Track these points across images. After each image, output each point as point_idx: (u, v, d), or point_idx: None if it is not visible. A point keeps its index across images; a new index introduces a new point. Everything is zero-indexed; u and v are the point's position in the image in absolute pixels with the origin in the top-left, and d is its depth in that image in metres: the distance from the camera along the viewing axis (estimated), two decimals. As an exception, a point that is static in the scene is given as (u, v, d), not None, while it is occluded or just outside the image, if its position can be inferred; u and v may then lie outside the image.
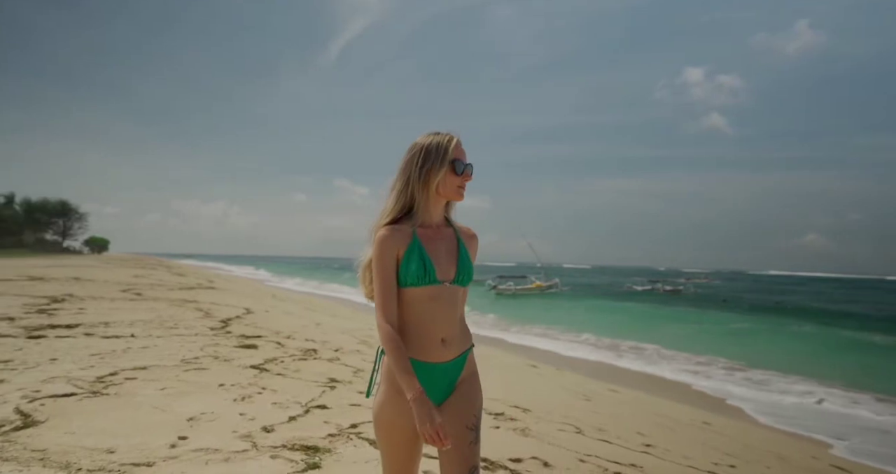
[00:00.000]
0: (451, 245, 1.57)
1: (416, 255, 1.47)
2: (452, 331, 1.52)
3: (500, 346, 12.83)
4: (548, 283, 34.72)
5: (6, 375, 4.07)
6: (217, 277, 29.38)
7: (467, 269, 1.56)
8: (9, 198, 75.10)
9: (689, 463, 3.85)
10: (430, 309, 1.49)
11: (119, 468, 2.48)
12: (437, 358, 1.49)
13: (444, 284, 1.50)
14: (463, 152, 1.55)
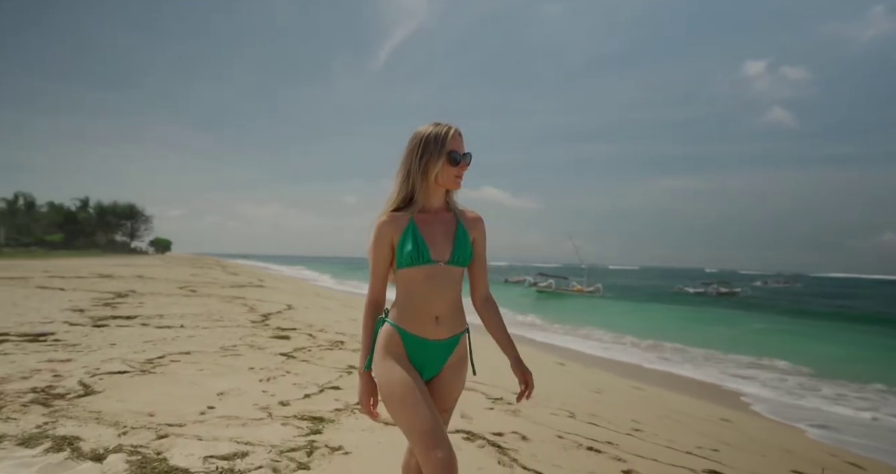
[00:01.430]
0: (449, 227, 1.64)
1: (410, 238, 1.56)
2: (447, 310, 1.59)
3: (532, 345, 13.00)
4: (589, 289, 34.13)
5: (74, 355, 4.77)
6: (268, 276, 30.88)
7: (463, 250, 1.62)
8: (84, 203, 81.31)
9: (670, 444, 4.03)
10: (426, 288, 1.57)
11: (156, 427, 3.00)
12: (431, 334, 1.58)
13: (438, 264, 1.57)
14: (460, 143, 1.61)
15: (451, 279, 1.60)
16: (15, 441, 2.65)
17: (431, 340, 1.58)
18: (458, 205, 1.70)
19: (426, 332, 1.58)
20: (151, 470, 2.42)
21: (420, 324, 1.57)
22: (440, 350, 1.60)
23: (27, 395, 3.44)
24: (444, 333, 1.60)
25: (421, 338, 1.58)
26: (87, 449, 2.61)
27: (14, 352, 4.78)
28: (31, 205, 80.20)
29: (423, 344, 1.58)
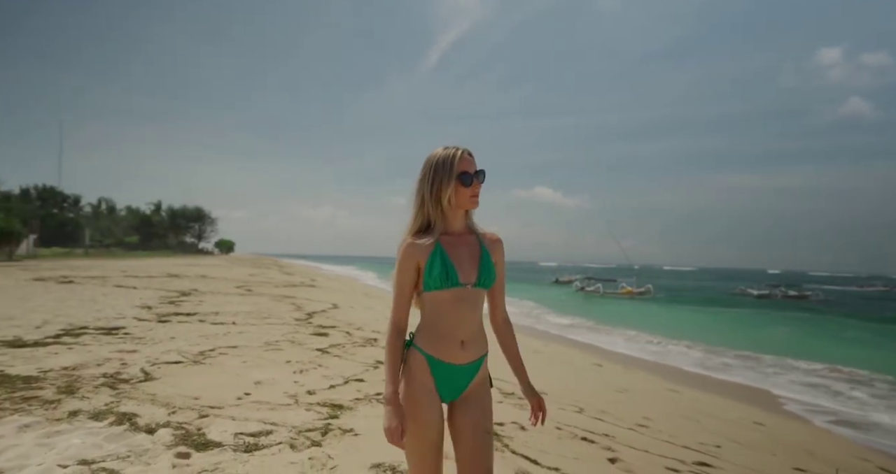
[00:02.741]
0: (474, 250, 1.64)
1: (438, 260, 1.56)
2: (472, 333, 1.59)
3: (574, 345, 13.07)
4: (639, 290, 33.17)
5: (139, 347, 5.47)
6: (320, 276, 32.22)
7: (489, 272, 1.62)
8: (157, 206, 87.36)
9: (671, 440, 4.19)
10: (453, 310, 1.57)
11: (199, 408, 3.52)
12: (456, 359, 1.57)
13: (466, 287, 1.57)
14: (470, 162, 1.60)
15: (477, 302, 1.61)
16: (87, 415, 3.23)
17: (457, 365, 1.58)
18: (478, 227, 1.71)
19: (453, 357, 1.57)
20: (191, 442, 2.91)
21: (447, 348, 1.57)
22: (465, 374, 1.60)
23: (99, 379, 4.08)
24: (469, 357, 1.59)
25: (448, 364, 1.57)
26: (142, 423, 3.15)
27: (91, 343, 5.54)
28: (112, 209, 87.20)
29: (449, 369, 1.58)
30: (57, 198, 77.47)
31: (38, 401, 3.46)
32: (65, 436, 2.89)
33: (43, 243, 47.62)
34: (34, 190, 75.27)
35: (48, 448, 2.74)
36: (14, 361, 4.58)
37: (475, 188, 1.60)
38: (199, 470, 2.57)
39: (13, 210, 49.21)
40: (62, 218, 70.32)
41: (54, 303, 9.14)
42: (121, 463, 2.60)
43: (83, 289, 11.98)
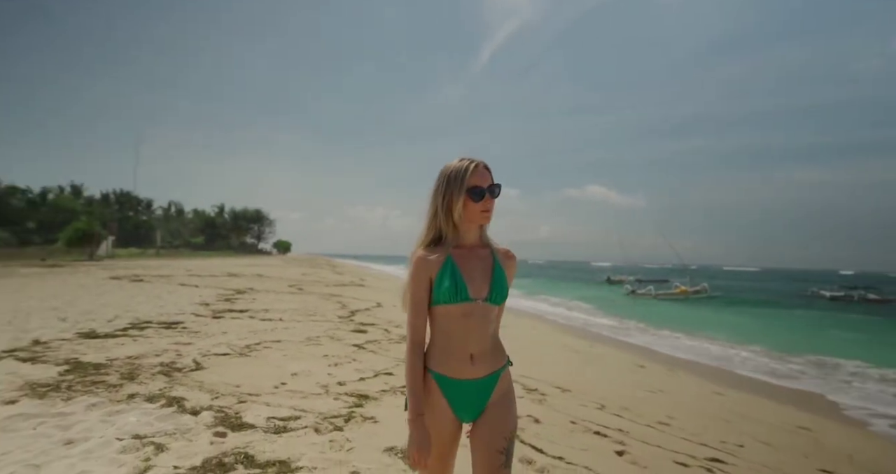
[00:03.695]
0: (487, 264, 1.59)
1: (448, 274, 1.53)
2: (483, 347, 1.56)
3: (621, 347, 12.86)
4: (694, 288, 31.83)
5: (194, 340, 6.00)
6: (370, 276, 33.10)
7: (501, 288, 1.58)
8: (220, 209, 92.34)
9: (690, 437, 4.19)
10: (463, 325, 1.53)
11: (239, 395, 3.90)
12: (467, 374, 1.54)
13: (476, 302, 1.53)
14: (483, 176, 1.55)
15: (488, 317, 1.56)
16: (143, 398, 3.67)
17: (468, 380, 1.54)
18: (493, 242, 1.67)
19: (462, 373, 1.54)
20: (228, 424, 3.26)
21: (456, 364, 1.54)
22: (479, 389, 1.56)
23: (156, 367, 4.57)
24: (481, 371, 1.55)
25: (458, 380, 1.54)
26: (188, 406, 3.55)
27: (153, 336, 6.13)
28: (180, 211, 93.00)
29: (460, 386, 1.54)
30: (132, 201, 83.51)
31: (104, 385, 3.95)
32: (123, 415, 3.32)
33: (120, 244, 51.50)
34: (113, 194, 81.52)
35: (109, 424, 3.16)
36: (87, 350, 5.17)
37: (486, 203, 1.54)
38: (232, 447, 2.91)
39: (95, 213, 53.54)
40: (137, 220, 75.69)
41: (125, 299, 10.04)
42: (167, 438, 2.98)
43: (151, 287, 13.02)
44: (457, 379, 1.54)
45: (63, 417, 3.24)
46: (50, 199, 66.65)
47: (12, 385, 3.88)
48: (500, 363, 1.61)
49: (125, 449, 2.81)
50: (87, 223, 37.67)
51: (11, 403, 3.46)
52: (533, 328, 14.05)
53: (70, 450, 2.77)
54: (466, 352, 1.54)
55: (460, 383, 1.54)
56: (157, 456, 2.74)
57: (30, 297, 9.73)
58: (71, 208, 60.44)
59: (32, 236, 55.01)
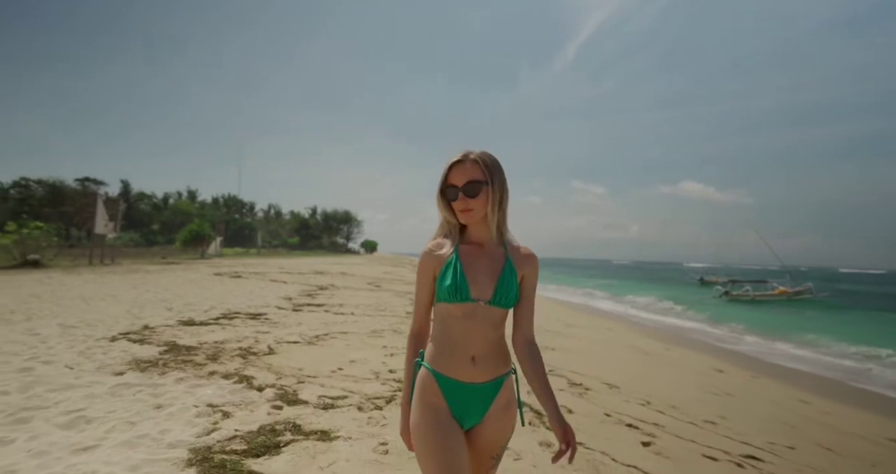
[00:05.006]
0: (496, 265, 1.50)
1: (451, 272, 1.46)
2: (486, 350, 1.47)
3: (704, 350, 12.27)
4: (795, 289, 28.96)
5: (272, 329, 6.72)
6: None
7: (507, 291, 1.47)
8: (313, 211, 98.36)
9: (733, 436, 4.09)
10: (463, 326, 1.46)
11: (300, 376, 4.41)
12: (468, 377, 1.46)
13: (478, 303, 1.45)
14: (462, 173, 1.46)
15: (492, 320, 1.47)
16: (220, 375, 4.29)
17: (468, 383, 1.47)
18: (512, 239, 1.57)
19: (462, 374, 1.46)
20: (286, 399, 3.76)
21: (456, 364, 1.47)
22: (479, 394, 1.48)
23: (235, 351, 5.25)
24: (483, 376, 1.48)
25: (457, 381, 1.47)
26: (255, 384, 4.10)
27: (239, 325, 6.94)
28: (278, 213, 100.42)
29: (459, 387, 1.47)
30: (238, 205, 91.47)
31: (192, 364, 4.64)
32: (202, 388, 3.93)
33: (227, 244, 56.70)
34: (222, 198, 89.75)
35: (191, 395, 3.77)
36: (184, 335, 6.02)
37: (461, 203, 1.46)
38: (285, 418, 3.37)
39: (206, 216, 59.33)
40: (242, 222, 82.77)
41: (223, 293, 11.27)
42: (233, 408, 3.51)
43: (246, 283, 14.42)
44: (457, 381, 1.47)
45: (156, 387, 3.91)
46: (171, 204, 74.77)
47: (123, 360, 4.69)
48: (505, 369, 1.52)
49: (199, 414, 3.37)
50: (199, 225, 41.95)
51: (120, 374, 4.22)
52: (609, 329, 13.77)
53: (158, 413, 3.37)
54: (468, 354, 1.47)
55: (462, 385, 1.47)
56: (223, 421, 3.27)
57: (147, 290, 11.24)
58: (187, 211, 67.47)
59: (157, 237, 62.14)
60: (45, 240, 20.01)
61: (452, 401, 1.48)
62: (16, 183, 54.64)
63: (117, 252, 28.69)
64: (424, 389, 1.50)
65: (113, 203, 27.66)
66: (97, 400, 3.57)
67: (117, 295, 10.19)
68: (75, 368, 4.39)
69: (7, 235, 18.75)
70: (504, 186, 1.51)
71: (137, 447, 2.83)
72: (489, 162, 1.49)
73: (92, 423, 3.16)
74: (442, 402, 1.48)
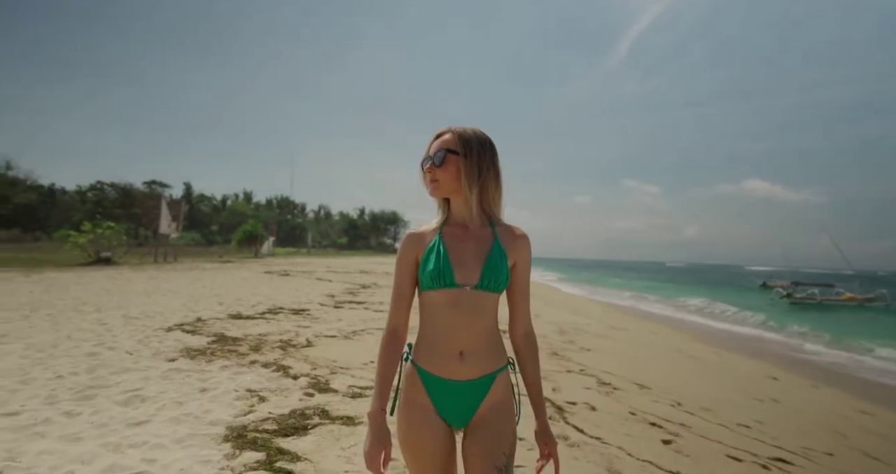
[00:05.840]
0: (484, 246, 1.37)
1: (433, 255, 1.35)
2: (475, 344, 1.34)
3: (758, 356, 11.80)
4: (866, 295, 26.95)
5: (312, 324, 7.08)
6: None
7: (495, 273, 1.34)
8: (361, 211, 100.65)
9: (765, 439, 4.00)
10: (449, 316, 1.33)
11: (332, 367, 4.68)
12: (455, 374, 1.33)
13: (464, 289, 1.32)
14: (439, 144, 1.37)
15: (480, 307, 1.34)
16: (260, 364, 4.62)
17: (455, 381, 1.34)
18: (502, 220, 1.44)
19: (449, 371, 1.34)
20: (318, 388, 4.02)
21: (442, 360, 1.34)
22: (467, 392, 1.35)
23: (276, 343, 5.60)
24: (472, 373, 1.34)
25: (445, 381, 1.34)
26: (291, 373, 4.39)
27: (282, 320, 7.35)
28: (328, 214, 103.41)
29: (446, 386, 1.34)
30: (290, 206, 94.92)
31: (236, 353, 5.01)
32: (244, 375, 4.26)
33: (279, 243, 59.03)
34: (275, 200, 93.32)
35: (232, 381, 4.10)
36: (232, 328, 6.46)
37: (429, 173, 1.37)
38: (315, 404, 3.62)
39: (260, 217, 61.90)
40: (293, 223, 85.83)
41: (270, 290, 11.86)
42: (269, 393, 3.80)
43: (293, 281, 15.06)
44: (443, 379, 1.34)
45: (203, 373, 4.27)
46: (228, 205, 78.50)
47: (175, 348, 5.12)
48: (498, 364, 1.38)
49: (238, 397, 3.67)
50: (253, 225, 43.92)
51: (172, 361, 4.63)
52: (655, 332, 13.45)
53: (202, 395, 3.71)
54: (455, 348, 1.33)
55: (447, 384, 1.34)
56: (259, 404, 3.55)
57: (203, 287, 11.98)
58: (243, 212, 70.67)
59: (216, 236, 65.42)
60: (115, 240, 21.60)
61: (437, 401, 1.36)
62: (92, 186, 59.11)
63: (179, 251, 30.52)
64: (409, 387, 1.39)
65: (176, 204, 29.45)
66: (151, 382, 3.95)
67: (176, 290, 10.94)
68: (134, 354, 4.85)
69: (83, 235, 20.36)
70: (486, 163, 1.37)
71: (183, 423, 3.15)
72: (468, 135, 1.38)
73: (146, 402, 3.52)
74: (427, 401, 1.36)
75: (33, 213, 47.88)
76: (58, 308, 7.65)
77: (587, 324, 11.21)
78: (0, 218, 41.34)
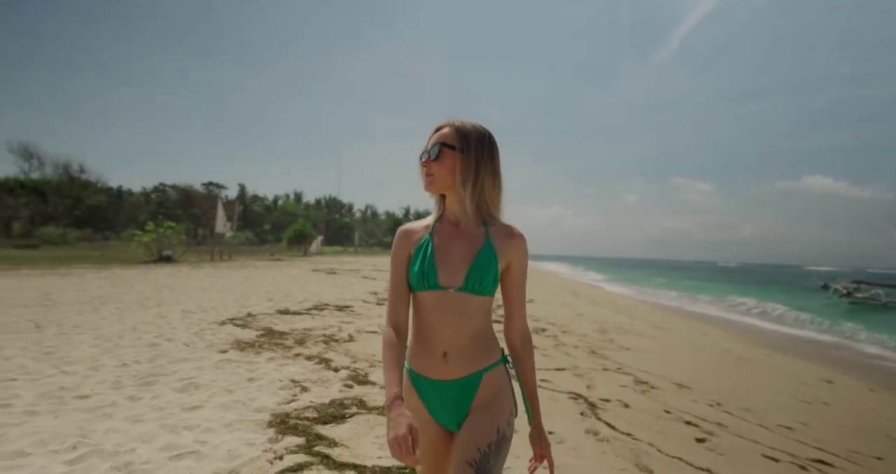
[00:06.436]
0: (473, 246, 1.32)
1: (420, 255, 1.33)
2: (459, 345, 1.31)
3: (815, 359, 11.27)
4: None
5: (355, 320, 7.33)
6: (535, 274, 33.53)
7: (481, 275, 1.29)
8: (406, 211, 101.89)
9: (810, 441, 3.87)
10: (434, 317, 1.31)
11: (372, 361, 4.87)
12: (439, 374, 1.32)
13: (447, 291, 1.29)
14: (435, 138, 1.34)
15: (465, 309, 1.30)
16: (304, 357, 4.87)
17: (440, 381, 1.32)
18: (500, 220, 1.39)
19: (434, 371, 1.32)
20: (357, 380, 4.21)
21: (428, 360, 1.33)
22: (453, 392, 1.33)
23: (320, 337, 5.86)
24: (455, 372, 1.31)
25: (429, 380, 1.34)
26: (332, 365, 4.61)
27: (327, 315, 7.65)
28: (374, 214, 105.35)
29: (433, 386, 1.34)
30: (337, 206, 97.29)
31: (282, 346, 5.29)
32: (288, 367, 4.51)
33: (327, 242, 60.61)
34: (323, 200, 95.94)
35: (278, 372, 4.35)
36: (279, 322, 6.79)
37: (424, 166, 1.34)
38: (353, 395, 3.81)
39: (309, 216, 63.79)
40: (341, 222, 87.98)
41: (317, 287, 12.30)
42: (311, 384, 4.02)
43: (339, 278, 15.53)
44: (430, 379, 1.33)
45: (251, 364, 4.55)
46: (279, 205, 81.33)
47: (227, 341, 5.47)
48: (486, 362, 1.34)
49: (283, 387, 3.91)
50: (303, 225, 45.38)
51: (224, 352, 4.95)
52: (703, 333, 13.04)
53: (250, 384, 3.97)
54: (439, 348, 1.31)
55: (434, 384, 1.33)
56: (301, 394, 3.78)
57: (254, 284, 12.57)
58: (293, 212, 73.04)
59: (268, 235, 67.99)
60: (176, 239, 22.89)
61: (427, 401, 1.35)
62: (155, 188, 62.73)
63: (234, 249, 31.96)
64: (405, 390, 1.35)
65: (230, 205, 30.84)
66: (204, 372, 4.26)
67: (229, 287, 11.54)
68: (190, 345, 5.21)
69: (147, 234, 21.71)
70: (483, 159, 1.32)
71: (231, 409, 3.40)
72: (467, 129, 1.33)
73: (199, 389, 3.81)
74: (419, 403, 1.36)
75: (103, 214, 51.35)
76: (124, 302, 8.27)
77: (629, 324, 11.01)
78: (74, 218, 44.59)
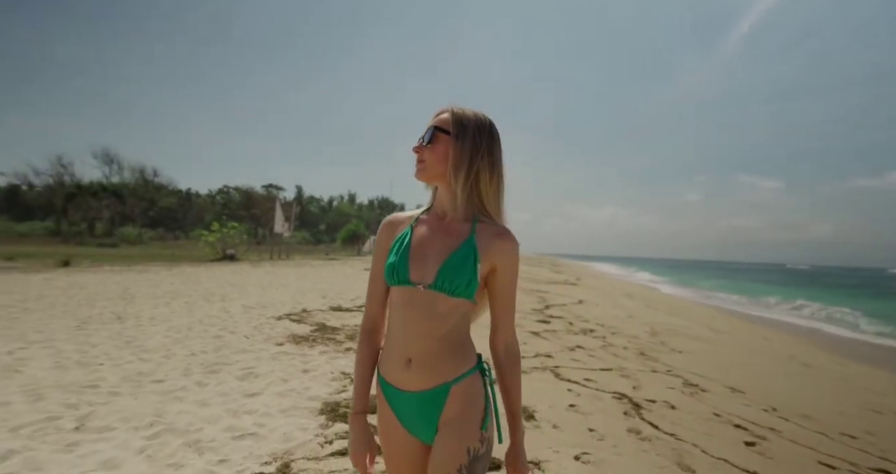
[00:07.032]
0: (455, 241, 1.20)
1: (396, 246, 1.23)
2: (426, 350, 1.17)
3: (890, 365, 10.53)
4: None
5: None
6: (589, 275, 32.87)
7: (454, 273, 1.15)
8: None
9: (875, 452, 3.67)
10: (401, 317, 1.19)
11: (418, 357, 5.04)
12: (404, 384, 1.19)
13: (416, 287, 1.17)
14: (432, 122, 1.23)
15: (435, 310, 1.17)
16: (354, 351, 5.06)
17: (405, 391, 1.19)
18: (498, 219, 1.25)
19: (399, 380, 1.20)
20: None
21: (391, 365, 1.22)
22: (417, 404, 1.19)
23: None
24: (420, 383, 1.18)
25: (393, 388, 1.22)
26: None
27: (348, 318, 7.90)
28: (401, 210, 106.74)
29: (400, 396, 1.21)
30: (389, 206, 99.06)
31: (334, 341, 5.56)
32: (339, 360, 4.75)
33: (379, 243, 61.81)
34: (376, 200, 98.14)
35: (329, 364, 4.60)
36: (332, 318, 7.11)
37: (416, 151, 1.23)
38: (399, 388, 3.99)
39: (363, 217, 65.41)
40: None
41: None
42: (360, 376, 4.23)
43: (391, 277, 15.90)
44: (393, 387, 1.21)
45: (305, 356, 4.83)
46: (334, 206, 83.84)
47: (284, 334, 5.81)
48: (455, 373, 1.19)
49: (334, 378, 4.15)
50: (356, 225, 46.61)
51: (280, 345, 5.28)
52: (766, 338, 12.43)
53: (304, 375, 4.23)
54: (404, 354, 1.19)
55: (400, 394, 1.20)
56: (350, 385, 3.99)
57: (309, 282, 13.12)
58: (347, 213, 75.09)
59: (323, 235, 70.30)
60: (238, 238, 24.16)
61: (398, 412, 1.23)
62: (220, 190, 66.31)
63: (291, 248, 33.29)
64: (379, 396, 1.28)
65: (288, 206, 32.15)
66: (263, 362, 4.57)
67: (287, 284, 12.11)
68: (250, 338, 5.58)
69: (212, 234, 23.05)
70: (481, 148, 1.20)
71: (287, 397, 3.66)
72: (466, 116, 1.21)
73: (258, 378, 4.10)
74: (390, 414, 1.24)
75: (174, 215, 54.82)
76: (192, 297, 8.88)
77: (684, 326, 10.66)
78: (149, 219, 47.89)
